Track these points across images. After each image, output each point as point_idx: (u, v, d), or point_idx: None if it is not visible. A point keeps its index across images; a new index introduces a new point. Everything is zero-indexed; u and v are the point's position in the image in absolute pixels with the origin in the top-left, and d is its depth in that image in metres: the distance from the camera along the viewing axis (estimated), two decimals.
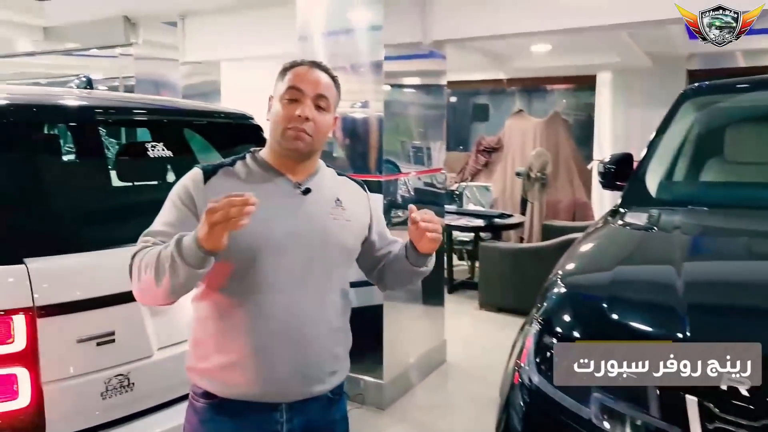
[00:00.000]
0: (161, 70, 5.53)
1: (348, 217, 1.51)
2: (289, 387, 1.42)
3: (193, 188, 1.41)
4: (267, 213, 1.36)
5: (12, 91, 2.40)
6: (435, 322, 4.01)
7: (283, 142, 1.42)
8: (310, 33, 3.45)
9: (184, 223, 1.37)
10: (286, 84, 1.44)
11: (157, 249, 1.31)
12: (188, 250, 1.24)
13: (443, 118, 3.95)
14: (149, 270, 1.29)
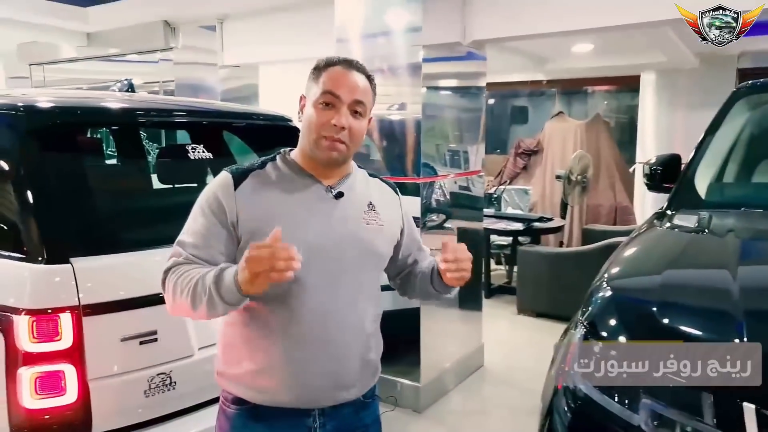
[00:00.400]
0: (200, 74, 5.62)
1: (381, 222, 1.47)
2: (322, 392, 1.40)
3: (223, 196, 1.36)
4: (299, 218, 1.35)
5: (57, 95, 2.46)
6: (472, 327, 3.96)
7: (317, 152, 1.37)
8: (348, 35, 3.45)
9: (213, 234, 1.35)
10: (321, 87, 1.37)
11: (192, 274, 1.29)
12: (228, 292, 1.22)
13: (482, 120, 3.91)
14: (185, 295, 1.28)
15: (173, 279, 1.32)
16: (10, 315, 1.66)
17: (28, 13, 5.71)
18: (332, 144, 1.34)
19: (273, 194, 1.38)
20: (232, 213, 1.35)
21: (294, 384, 1.37)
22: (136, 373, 1.84)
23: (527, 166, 7.26)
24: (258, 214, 1.35)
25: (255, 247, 1.18)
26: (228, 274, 1.24)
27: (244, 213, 1.35)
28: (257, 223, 1.34)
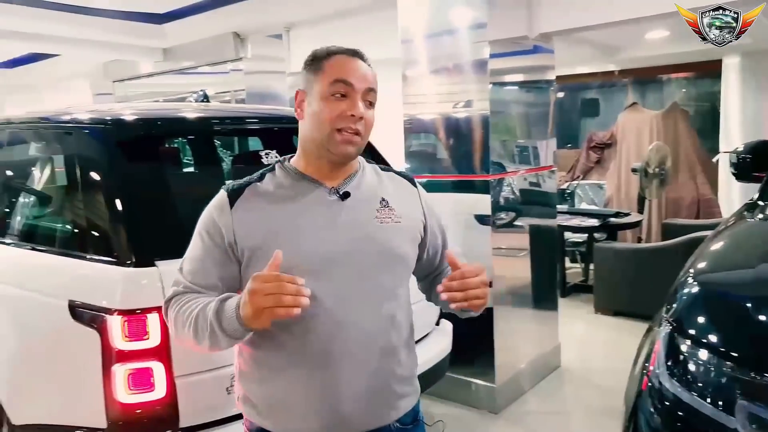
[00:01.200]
0: (269, 82, 5.77)
1: (398, 218, 1.31)
2: (353, 417, 1.26)
3: (218, 216, 1.26)
4: (303, 228, 1.24)
5: (140, 108, 2.59)
6: (548, 326, 3.87)
7: (332, 147, 1.23)
8: (412, 36, 3.45)
9: (210, 258, 1.26)
10: (329, 77, 1.23)
11: (192, 306, 1.22)
12: (230, 325, 1.15)
13: (552, 114, 3.81)
14: (187, 329, 1.22)
15: (174, 311, 1.26)
16: (104, 315, 1.76)
17: (111, 34, 6.05)
18: (348, 137, 1.22)
19: (272, 207, 1.26)
20: (229, 233, 1.24)
21: (320, 411, 1.24)
22: (218, 370, 1.90)
23: (601, 160, 7.03)
24: (257, 230, 1.24)
25: (257, 278, 1.09)
26: (229, 307, 1.15)
27: (242, 230, 1.24)
28: (257, 240, 1.23)
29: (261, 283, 1.08)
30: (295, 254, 1.19)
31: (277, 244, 1.17)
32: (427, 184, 3.43)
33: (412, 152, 3.54)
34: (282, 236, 1.22)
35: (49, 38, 6.06)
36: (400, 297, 1.33)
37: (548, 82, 3.78)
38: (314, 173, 1.29)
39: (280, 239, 1.21)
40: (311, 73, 1.26)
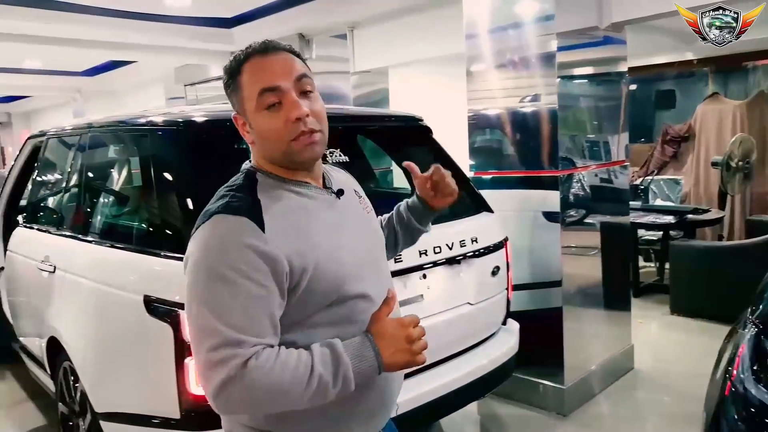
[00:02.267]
0: (333, 82, 5.84)
1: (369, 206, 1.36)
2: (376, 420, 1.23)
3: (259, 246, 1.04)
4: (332, 232, 1.16)
5: (209, 110, 2.67)
6: (620, 327, 3.72)
7: (296, 157, 1.12)
8: (478, 30, 3.40)
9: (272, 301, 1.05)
10: (251, 90, 1.11)
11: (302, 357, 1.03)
12: (368, 371, 1.06)
13: (624, 107, 3.66)
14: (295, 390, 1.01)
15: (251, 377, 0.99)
16: (177, 310, 1.82)
17: (183, 40, 6.30)
18: (307, 140, 1.11)
19: (297, 219, 1.13)
20: (281, 260, 1.05)
21: (370, 412, 1.20)
22: None
23: (677, 154, 6.70)
24: (298, 249, 1.08)
25: (407, 325, 1.07)
26: (365, 351, 1.05)
27: (289, 252, 1.07)
28: (304, 259, 1.08)
29: (413, 329, 1.08)
30: (341, 262, 1.14)
31: (325, 258, 1.11)
32: (493, 181, 3.38)
33: (476, 148, 3.48)
34: (324, 248, 1.12)
35: (126, 46, 6.38)
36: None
37: (620, 74, 3.63)
38: (301, 178, 1.18)
39: (324, 251, 1.12)
40: (234, 94, 1.15)
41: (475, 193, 2.78)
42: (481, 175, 3.42)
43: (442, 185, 1.41)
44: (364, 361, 1.05)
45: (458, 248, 2.39)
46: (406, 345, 1.06)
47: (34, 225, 3.27)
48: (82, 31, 5.67)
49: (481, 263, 2.50)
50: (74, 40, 5.92)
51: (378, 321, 1.09)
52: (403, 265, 2.20)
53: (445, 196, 1.42)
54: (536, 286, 3.26)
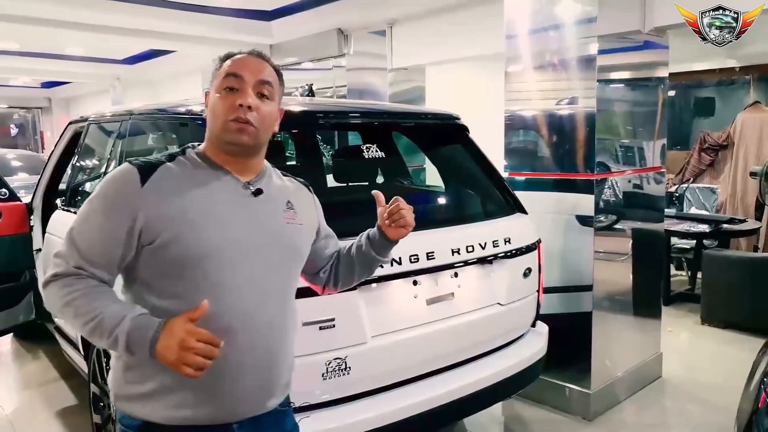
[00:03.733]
0: (370, 78, 5.86)
1: (300, 221, 1.40)
2: (246, 404, 1.31)
3: (127, 193, 1.22)
4: (222, 216, 1.26)
5: None
6: (650, 335, 3.68)
7: (225, 136, 1.27)
8: (518, 31, 3.38)
9: (114, 238, 1.21)
10: (221, 72, 1.30)
11: (95, 305, 1.18)
12: (138, 351, 1.15)
13: (663, 114, 3.61)
14: (81, 322, 1.19)
15: (64, 293, 1.21)
16: None
17: (222, 31, 6.38)
18: (241, 126, 1.25)
19: (188, 190, 1.26)
20: (140, 215, 1.21)
21: (220, 396, 1.26)
22: (315, 356, 1.97)
23: (714, 163, 6.57)
24: (171, 216, 1.22)
25: (193, 334, 1.11)
26: (144, 334, 1.14)
27: (154, 213, 1.21)
28: (172, 227, 1.21)
29: (194, 341, 1.11)
30: (210, 241, 1.23)
31: (193, 231, 1.21)
32: (527, 182, 3.36)
33: (512, 149, 3.47)
34: (197, 223, 1.23)
35: (167, 36, 6.49)
36: (294, 292, 1.42)
37: (660, 80, 3.58)
38: (227, 165, 1.31)
39: (196, 227, 1.22)
40: (214, 73, 1.33)
41: (509, 193, 2.77)
42: (515, 176, 3.41)
43: (396, 216, 1.44)
44: (142, 334, 1.15)
45: (491, 248, 2.40)
46: (176, 347, 1.11)
47: (72, 209, 3.35)
48: (126, 20, 5.79)
49: (513, 264, 2.50)
50: (117, 29, 6.04)
51: (175, 317, 1.15)
52: (435, 263, 2.21)
53: (398, 227, 1.45)
54: (566, 289, 3.24)
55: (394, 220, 1.44)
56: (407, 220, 1.44)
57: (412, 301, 2.19)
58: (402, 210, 1.44)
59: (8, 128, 16.73)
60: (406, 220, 1.44)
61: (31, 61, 8.99)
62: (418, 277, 2.19)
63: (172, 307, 1.20)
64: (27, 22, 5.57)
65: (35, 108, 16.18)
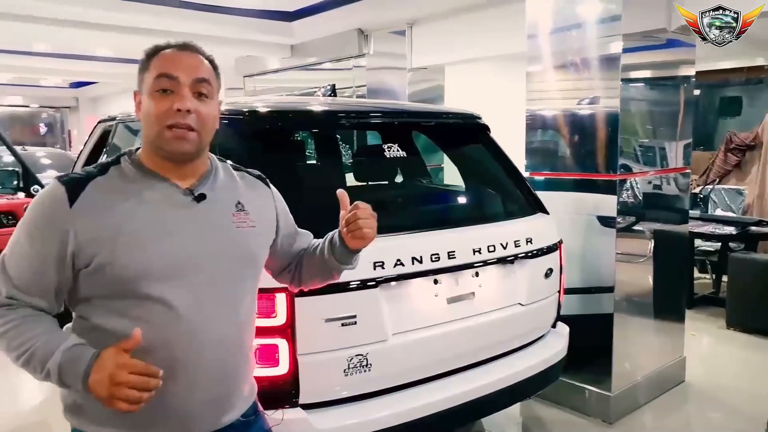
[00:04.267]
0: (389, 78, 5.88)
1: (253, 222, 1.30)
2: (200, 421, 1.24)
3: (54, 216, 1.14)
4: (156, 230, 1.17)
5: (269, 101, 2.73)
6: (672, 338, 3.63)
7: (164, 145, 1.17)
8: (540, 30, 3.36)
9: (44, 264, 1.14)
10: (152, 72, 1.18)
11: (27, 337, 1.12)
12: (71, 384, 1.10)
13: (688, 113, 3.56)
14: (14, 356, 1.13)
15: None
16: None
17: (244, 31, 6.45)
18: (180, 133, 1.16)
19: (121, 206, 1.16)
20: (70, 237, 1.12)
21: (171, 415, 1.20)
22: (337, 352, 1.98)
23: (741, 163, 6.45)
24: (104, 235, 1.14)
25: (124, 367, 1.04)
26: (75, 368, 1.08)
27: (86, 235, 1.13)
28: (105, 247, 1.13)
29: (127, 374, 1.04)
30: (148, 260, 1.15)
31: (129, 251, 1.13)
32: (547, 182, 3.34)
33: (533, 149, 3.45)
34: (133, 243, 1.14)
35: (188, 36, 6.54)
36: (252, 299, 1.34)
37: (686, 79, 3.54)
38: (164, 171, 1.22)
39: (131, 246, 1.14)
40: (141, 72, 1.22)
41: (531, 193, 2.76)
42: (535, 175, 3.39)
43: (352, 226, 1.32)
44: (74, 368, 1.09)
45: (512, 248, 2.39)
46: (107, 382, 1.05)
47: None
48: (151, 21, 5.88)
49: (535, 264, 2.49)
50: (142, 30, 6.14)
51: (109, 348, 1.09)
52: (456, 262, 2.21)
53: (355, 237, 1.33)
54: (587, 290, 3.22)
55: (351, 231, 1.32)
56: (364, 233, 1.31)
57: (432, 299, 2.19)
58: (359, 220, 1.31)
59: (38, 127, 17.09)
60: (363, 233, 1.31)
61: (61, 62, 9.17)
62: (438, 276, 2.19)
63: (118, 326, 1.15)
64: (58, 24, 5.69)
65: (63, 107, 16.50)
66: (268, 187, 1.43)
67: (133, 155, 1.25)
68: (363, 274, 2.00)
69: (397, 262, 2.07)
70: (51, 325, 1.17)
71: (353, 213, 1.32)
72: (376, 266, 2.03)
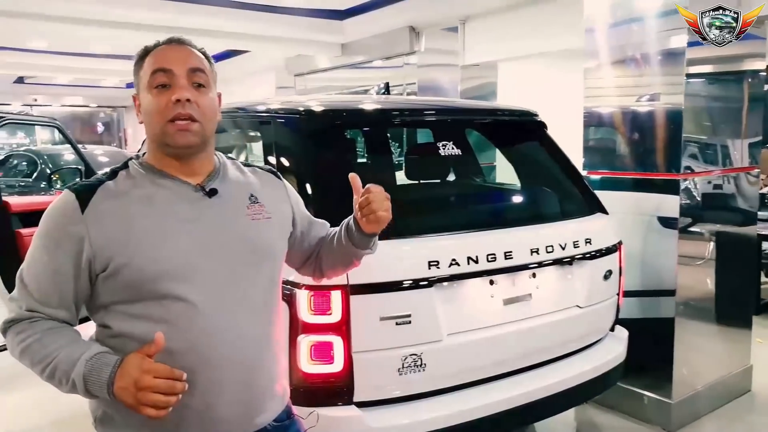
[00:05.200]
0: (441, 75, 5.83)
1: (268, 214, 1.29)
2: (229, 424, 1.22)
3: (67, 224, 1.14)
4: (169, 229, 1.16)
5: (323, 100, 2.75)
6: (738, 346, 3.47)
7: (168, 140, 1.17)
8: (599, 24, 3.26)
9: (62, 275, 1.14)
10: (146, 71, 1.18)
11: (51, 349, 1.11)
12: (98, 392, 1.08)
13: (757, 109, 3.40)
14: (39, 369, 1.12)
15: (19, 340, 1.14)
16: (293, 288, 1.90)
17: (296, 31, 6.53)
18: (183, 125, 1.16)
19: (132, 209, 1.16)
20: (85, 244, 1.12)
21: (199, 418, 1.18)
22: (391, 351, 1.97)
23: None
24: (118, 239, 1.13)
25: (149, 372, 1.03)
26: (100, 376, 1.07)
27: (100, 240, 1.13)
28: (120, 251, 1.13)
29: (151, 379, 1.04)
30: (164, 258, 1.14)
31: (144, 250, 1.13)
32: (604, 181, 3.25)
33: (590, 147, 3.36)
34: (147, 242, 1.14)
35: (242, 36, 6.71)
36: (274, 294, 1.32)
37: (755, 73, 3.37)
38: (173, 169, 1.22)
39: (146, 246, 1.14)
40: (136, 73, 1.22)
41: (590, 193, 2.68)
42: (593, 174, 3.30)
43: (366, 210, 1.30)
44: (98, 377, 1.08)
45: (571, 249, 2.32)
46: (132, 388, 1.04)
47: None
48: (204, 22, 6.03)
49: (594, 266, 2.42)
50: (196, 30, 6.30)
51: (130, 354, 1.08)
52: (513, 263, 2.17)
53: (370, 221, 1.31)
54: (647, 293, 3.11)
55: (364, 214, 1.31)
56: (378, 216, 1.30)
57: (488, 300, 2.16)
58: (372, 204, 1.29)
59: (95, 126, 17.78)
60: (377, 216, 1.30)
61: (118, 63, 9.50)
62: (495, 277, 2.15)
63: (139, 330, 1.14)
64: (116, 26, 5.90)
65: (120, 107, 17.12)
66: (280, 180, 1.44)
67: (140, 158, 1.26)
68: (417, 274, 1.99)
69: (452, 262, 2.05)
70: (73, 336, 1.17)
71: (366, 197, 1.31)
72: (431, 266, 2.02)
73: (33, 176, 7.56)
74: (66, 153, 7.68)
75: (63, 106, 16.36)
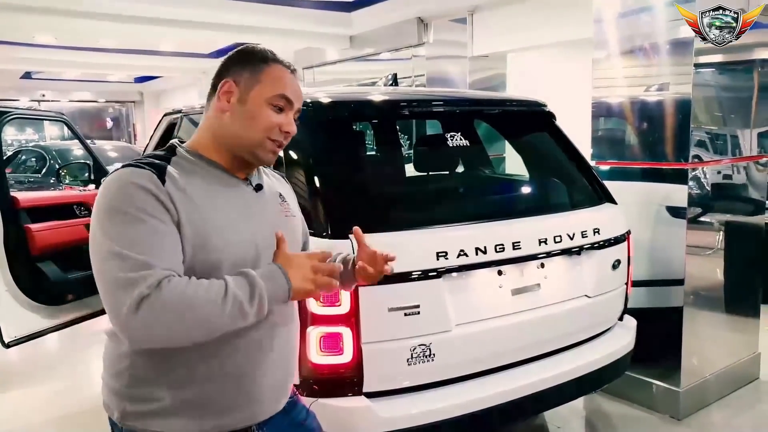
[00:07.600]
0: (449, 66, 5.82)
1: (293, 213, 1.43)
2: (266, 405, 1.30)
3: (156, 192, 1.12)
4: (234, 217, 1.24)
5: (331, 92, 2.76)
6: (746, 334, 3.47)
7: (260, 153, 1.25)
8: (608, 14, 3.25)
9: (172, 238, 1.12)
10: (275, 89, 1.25)
11: (218, 284, 1.10)
12: (279, 296, 1.15)
13: (767, 98, 3.37)
14: (208, 308, 1.07)
15: (171, 296, 1.04)
16: None
17: (304, 23, 6.53)
18: (275, 148, 1.27)
19: (200, 191, 1.20)
20: (173, 211, 1.13)
21: (243, 401, 1.24)
22: (400, 341, 1.99)
23: None
24: (194, 215, 1.16)
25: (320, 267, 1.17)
26: (276, 277, 1.15)
27: (182, 214, 1.14)
28: (197, 228, 1.15)
29: (317, 262, 1.18)
30: (231, 245, 1.20)
31: (217, 234, 1.18)
32: (613, 171, 3.25)
33: (599, 137, 3.36)
34: (219, 226, 1.19)
35: (250, 29, 6.72)
36: None
37: (764, 62, 3.34)
38: (228, 164, 1.28)
39: (218, 229, 1.19)
40: (248, 71, 1.26)
41: (598, 183, 2.69)
42: (602, 164, 3.30)
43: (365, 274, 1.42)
44: (276, 284, 1.14)
45: (579, 239, 2.33)
46: (311, 275, 1.16)
47: None
48: (212, 15, 6.04)
49: (602, 255, 2.43)
50: (204, 23, 6.32)
51: (283, 254, 1.19)
52: (522, 253, 2.18)
53: (363, 278, 1.44)
54: (655, 283, 3.12)
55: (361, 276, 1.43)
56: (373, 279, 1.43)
57: (496, 290, 2.18)
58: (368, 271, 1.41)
59: (104, 121, 17.86)
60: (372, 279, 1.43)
61: (126, 57, 9.54)
62: (503, 267, 2.17)
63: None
64: (124, 20, 5.92)
65: (128, 102, 17.17)
66: (288, 184, 1.55)
67: (186, 147, 1.28)
68: (426, 264, 2.01)
69: (460, 253, 2.06)
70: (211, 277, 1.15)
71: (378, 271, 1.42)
72: (439, 256, 2.03)
73: (42, 172, 7.63)
74: (75, 148, 7.73)
75: (71, 101, 16.43)
